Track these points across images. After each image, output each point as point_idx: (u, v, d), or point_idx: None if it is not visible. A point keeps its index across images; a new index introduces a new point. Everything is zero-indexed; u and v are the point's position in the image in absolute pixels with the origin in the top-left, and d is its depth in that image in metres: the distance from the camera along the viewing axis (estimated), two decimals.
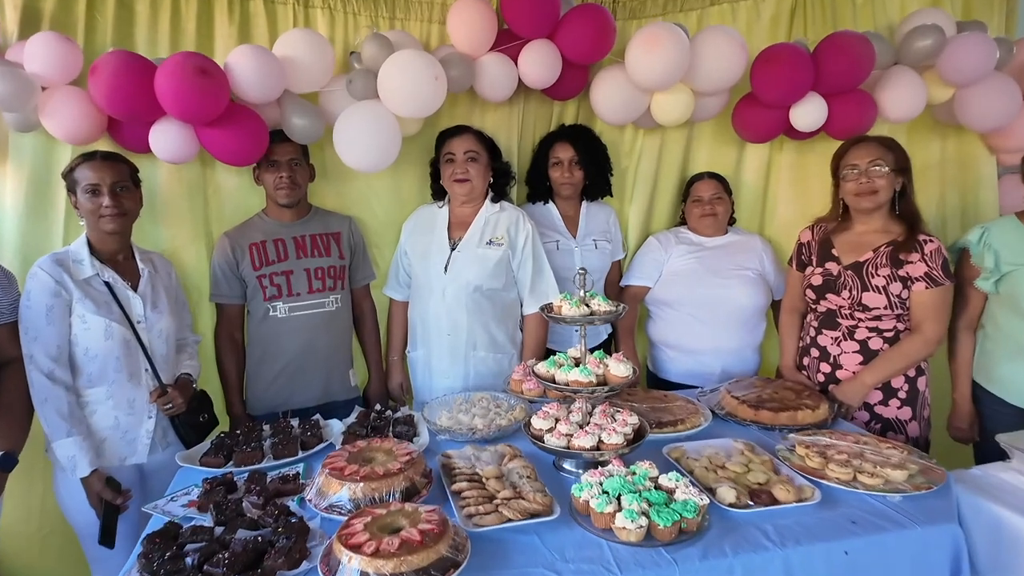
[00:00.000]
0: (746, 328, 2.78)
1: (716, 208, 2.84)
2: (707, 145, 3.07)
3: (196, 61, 2.10)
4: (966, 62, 2.63)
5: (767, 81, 2.62)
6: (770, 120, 2.73)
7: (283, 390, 2.52)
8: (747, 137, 2.89)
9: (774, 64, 2.60)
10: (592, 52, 2.57)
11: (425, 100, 2.35)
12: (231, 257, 2.47)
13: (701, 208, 2.86)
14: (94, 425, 2.08)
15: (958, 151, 3.03)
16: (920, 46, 2.66)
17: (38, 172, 2.40)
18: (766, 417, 2.22)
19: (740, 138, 2.92)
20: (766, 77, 2.62)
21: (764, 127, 2.79)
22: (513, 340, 2.65)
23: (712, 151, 3.07)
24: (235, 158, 2.37)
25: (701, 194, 2.87)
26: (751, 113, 2.79)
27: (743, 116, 2.83)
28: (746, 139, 2.91)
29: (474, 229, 2.58)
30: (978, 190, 3.02)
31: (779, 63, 2.59)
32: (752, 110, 2.78)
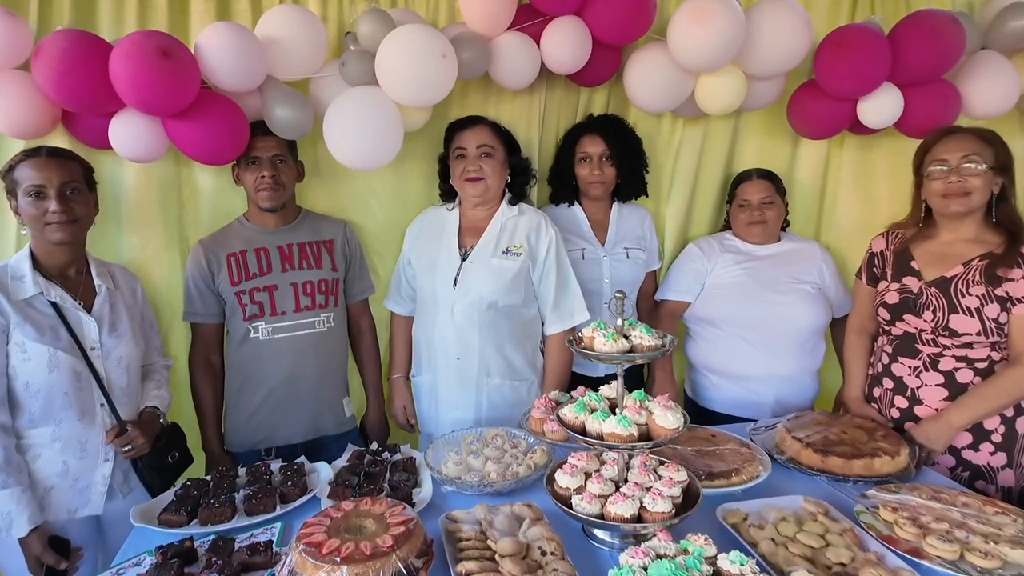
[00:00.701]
0: (804, 351, 2.41)
1: (766, 214, 2.47)
2: (756, 138, 2.70)
3: (157, 41, 1.77)
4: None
5: (835, 69, 2.26)
6: (834, 113, 2.37)
7: (266, 423, 2.18)
8: (804, 132, 2.52)
9: (845, 49, 2.23)
10: (628, 30, 2.20)
11: (431, 84, 2.00)
12: (206, 269, 2.14)
13: (748, 214, 2.49)
14: (38, 473, 1.75)
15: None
16: (1014, 27, 2.28)
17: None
18: (836, 465, 1.86)
19: (795, 132, 2.54)
20: (834, 64, 2.26)
21: (826, 121, 2.42)
22: (533, 365, 2.29)
23: (762, 145, 2.70)
24: (209, 155, 2.03)
25: (749, 197, 2.49)
26: (812, 104, 2.42)
27: (802, 107, 2.46)
28: (803, 134, 2.55)
29: (488, 236, 2.23)
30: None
31: (851, 48, 2.22)
32: (813, 101, 2.41)
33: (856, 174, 2.67)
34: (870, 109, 2.31)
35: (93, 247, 2.01)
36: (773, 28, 2.18)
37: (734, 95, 2.30)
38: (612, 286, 2.50)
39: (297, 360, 2.17)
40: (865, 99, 2.29)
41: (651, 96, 2.35)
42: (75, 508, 1.80)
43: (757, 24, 2.18)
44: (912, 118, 2.32)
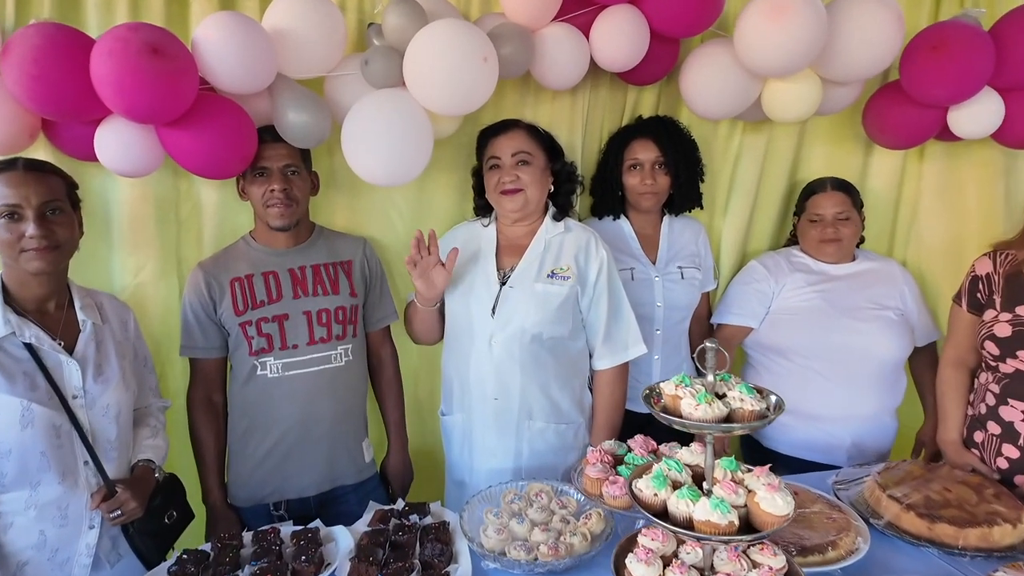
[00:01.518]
0: (885, 387, 2.14)
1: (841, 231, 2.19)
2: (825, 143, 2.41)
3: (144, 35, 1.48)
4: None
5: (928, 75, 1.98)
6: (920, 121, 2.10)
7: (275, 473, 1.91)
8: (883, 142, 2.26)
9: (941, 53, 1.94)
10: (693, 21, 1.91)
11: (469, 91, 1.72)
12: (207, 297, 1.87)
13: (821, 230, 2.20)
14: (9, 545, 1.48)
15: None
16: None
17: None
18: (947, 534, 1.58)
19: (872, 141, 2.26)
20: (927, 69, 1.98)
21: (910, 130, 2.16)
22: (580, 405, 2.01)
23: (831, 151, 2.41)
24: (210, 167, 1.75)
25: (822, 211, 2.21)
26: (894, 111, 2.14)
27: (882, 114, 2.18)
28: (881, 144, 2.28)
29: (531, 256, 1.95)
30: None
31: (948, 51, 1.94)
32: (896, 107, 2.13)
33: (939, 185, 2.38)
34: (965, 118, 2.04)
35: (80, 273, 1.75)
36: (861, 26, 1.89)
37: (808, 103, 2.02)
38: (665, 311, 2.23)
39: (311, 400, 1.90)
40: (959, 106, 2.01)
41: (710, 101, 2.07)
42: None
43: (842, 21, 1.88)
44: (1013, 127, 2.05)
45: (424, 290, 1.92)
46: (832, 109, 2.16)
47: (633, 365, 2.05)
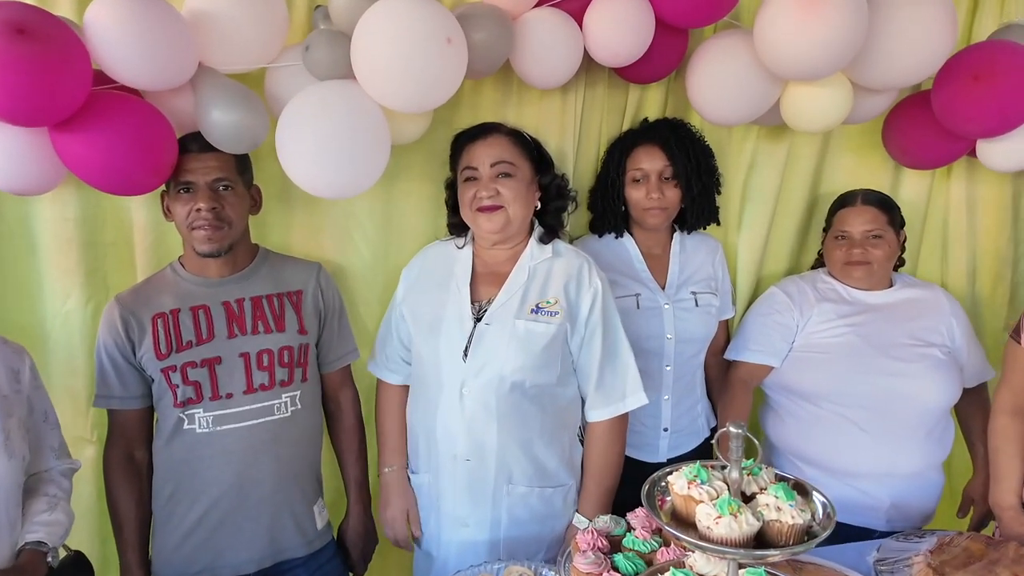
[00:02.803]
0: (931, 439, 1.82)
1: (871, 252, 1.87)
2: (852, 152, 2.12)
3: (8, 14, 1.17)
4: None
5: (966, 106, 1.71)
6: (947, 148, 1.85)
7: (207, 547, 1.59)
8: (904, 161, 1.98)
9: (984, 84, 1.66)
10: (706, 8, 1.59)
11: (430, 80, 1.40)
12: (123, 337, 1.55)
13: (847, 251, 1.89)
14: None
15: None
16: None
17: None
18: None
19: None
20: (966, 99, 1.71)
21: (934, 154, 1.91)
22: (570, 464, 1.69)
23: (859, 161, 2.12)
24: (115, 181, 1.43)
25: (849, 228, 1.90)
26: (918, 132, 1.88)
27: (905, 133, 1.92)
28: (902, 163, 2.01)
29: (512, 287, 1.63)
30: None
31: (992, 82, 1.66)
32: (921, 128, 1.86)
33: (965, 204, 2.12)
34: (997, 153, 1.80)
35: (11, 299, 1.61)
36: (907, 26, 1.58)
37: (836, 113, 1.72)
38: (676, 343, 1.91)
39: (248, 460, 1.58)
40: (986, 141, 1.75)
41: (721, 104, 1.77)
42: None
43: (885, 19, 1.56)
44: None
45: None
46: (862, 119, 1.86)
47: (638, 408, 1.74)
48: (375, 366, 1.86)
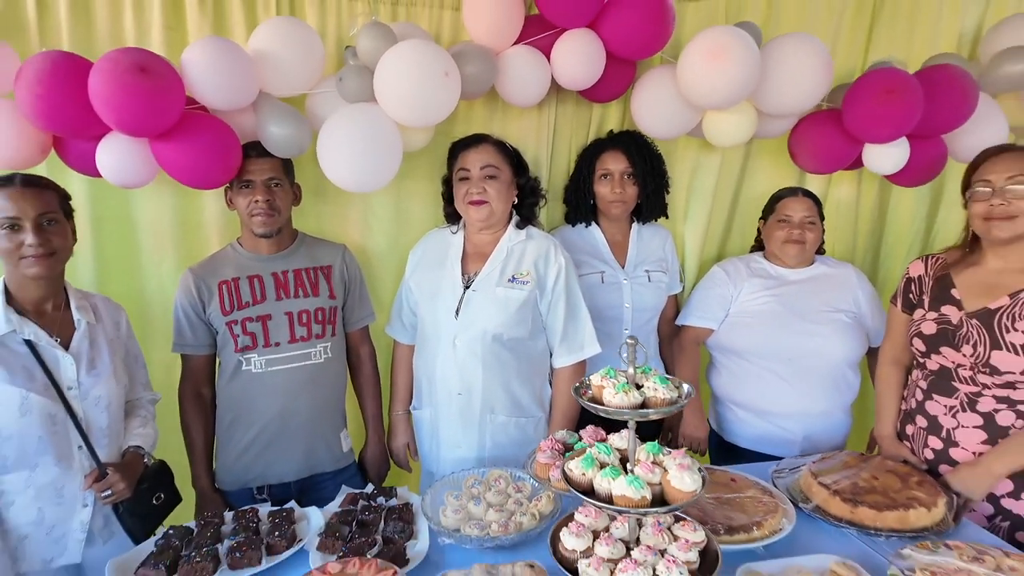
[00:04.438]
0: (838, 386, 2.26)
1: (806, 234, 2.29)
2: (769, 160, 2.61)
3: (135, 58, 1.66)
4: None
5: (878, 114, 2.14)
6: (843, 151, 2.27)
7: (258, 461, 2.06)
8: (806, 165, 2.42)
9: (895, 97, 2.11)
10: (644, 45, 2.08)
11: (432, 104, 1.88)
12: (196, 298, 2.03)
13: (788, 231, 2.30)
14: (10, 521, 1.64)
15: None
16: (1007, 73, 2.28)
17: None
18: (867, 517, 1.70)
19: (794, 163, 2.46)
20: (878, 109, 2.13)
21: (833, 157, 2.33)
22: (541, 400, 2.16)
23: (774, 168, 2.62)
24: (197, 178, 1.91)
25: (791, 213, 2.31)
26: (818, 140, 2.32)
27: (806, 141, 2.36)
28: (803, 167, 2.44)
29: (493, 262, 2.10)
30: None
31: (900, 95, 2.11)
32: (821, 137, 2.31)
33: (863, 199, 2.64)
34: (879, 156, 2.24)
35: (107, 274, 2.07)
36: (792, 68, 2.06)
37: (743, 132, 2.20)
38: (633, 311, 2.37)
39: (291, 394, 2.05)
40: (875, 145, 2.21)
41: (656, 124, 2.25)
42: (51, 558, 1.69)
43: (774, 63, 2.05)
44: (906, 170, 2.28)
45: None
46: (772, 135, 2.35)
47: (601, 362, 2.19)
48: (391, 329, 2.33)
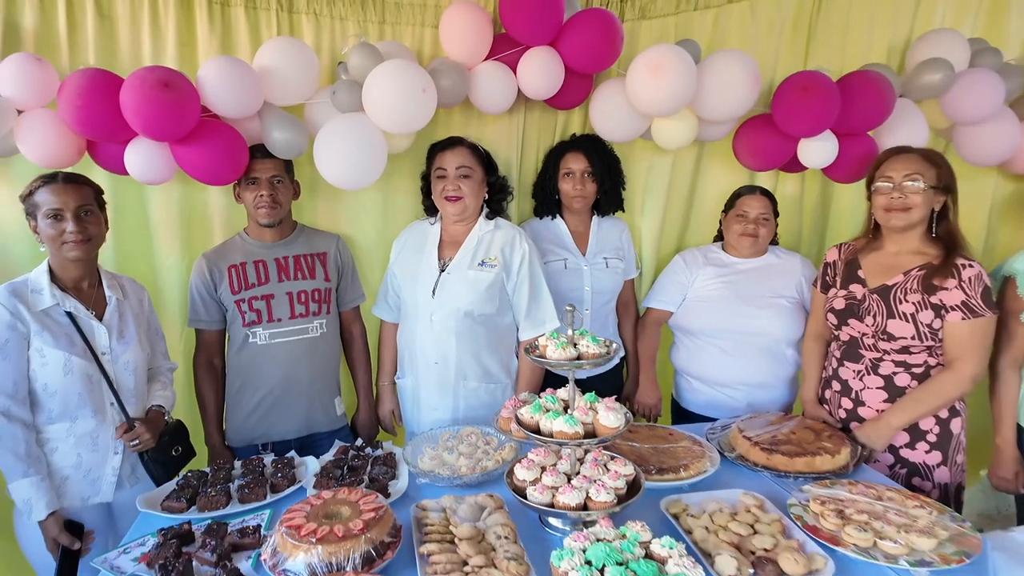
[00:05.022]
0: (777, 361, 2.56)
1: (760, 229, 2.57)
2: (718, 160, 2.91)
3: (159, 75, 1.97)
4: (969, 102, 2.57)
5: (796, 109, 2.44)
6: (778, 149, 2.58)
7: (263, 421, 2.38)
8: (747, 163, 2.72)
9: (809, 93, 2.42)
10: (597, 61, 2.39)
11: (412, 115, 2.19)
12: (208, 280, 2.34)
13: (744, 225, 2.58)
14: (55, 464, 1.96)
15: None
16: (927, 81, 2.58)
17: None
18: (780, 462, 2.02)
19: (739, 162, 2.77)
20: (796, 105, 2.44)
21: (769, 155, 2.64)
22: (508, 369, 2.47)
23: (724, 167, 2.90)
24: (211, 176, 2.22)
25: (748, 210, 2.58)
26: (757, 139, 2.63)
27: (747, 141, 2.67)
28: (747, 165, 2.74)
29: (465, 249, 2.41)
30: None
31: (813, 93, 2.42)
32: (759, 136, 2.62)
33: (806, 195, 2.96)
34: (810, 151, 2.53)
35: (131, 258, 2.40)
36: (724, 81, 2.38)
37: (686, 136, 2.52)
38: (592, 294, 2.67)
39: (292, 363, 2.36)
40: (808, 141, 2.50)
41: (611, 129, 2.56)
42: (88, 496, 2.00)
43: (709, 76, 2.37)
44: (840, 165, 2.58)
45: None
46: (713, 138, 2.66)
47: None
48: (378, 309, 2.64)
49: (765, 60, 2.69)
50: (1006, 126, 2.63)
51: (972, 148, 2.70)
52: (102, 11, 2.33)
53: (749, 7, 2.69)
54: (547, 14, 2.29)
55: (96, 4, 2.31)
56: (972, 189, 2.96)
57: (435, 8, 2.52)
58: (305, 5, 2.45)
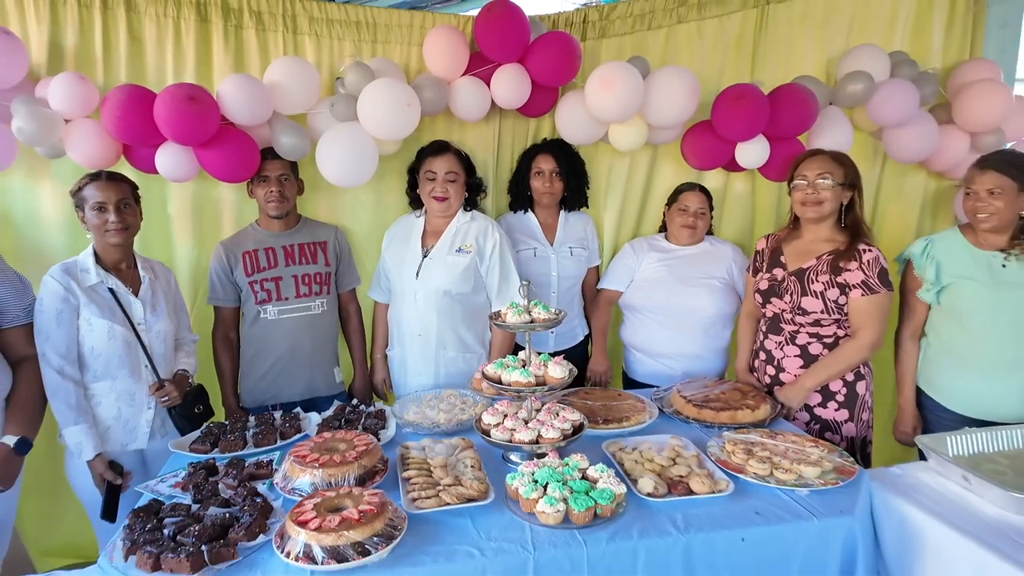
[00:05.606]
0: (709, 334, 2.94)
1: (698, 222, 2.96)
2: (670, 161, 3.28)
3: (186, 90, 2.36)
4: (890, 108, 2.93)
5: (732, 116, 2.82)
6: (717, 151, 2.95)
7: (272, 385, 2.76)
8: (693, 164, 3.09)
9: (742, 102, 2.80)
10: (559, 76, 2.77)
11: (398, 124, 2.58)
12: (226, 264, 2.72)
13: (684, 218, 2.96)
14: (99, 415, 2.34)
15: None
16: (852, 91, 2.97)
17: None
18: (708, 415, 2.39)
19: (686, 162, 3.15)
20: (732, 112, 2.82)
21: (711, 157, 3.01)
22: (482, 341, 2.86)
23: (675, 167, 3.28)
24: (228, 175, 2.61)
25: (689, 204, 2.96)
26: (700, 142, 3.00)
27: (692, 144, 3.04)
28: (693, 166, 3.10)
29: (445, 238, 2.79)
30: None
31: (745, 102, 2.80)
32: (702, 140, 2.99)
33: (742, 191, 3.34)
34: (746, 153, 2.90)
35: (154, 245, 2.76)
36: (668, 92, 2.77)
37: (637, 139, 2.92)
38: (558, 278, 3.06)
39: (297, 336, 2.75)
40: (743, 144, 2.88)
41: (574, 133, 2.95)
42: (126, 443, 2.39)
43: (655, 89, 2.76)
44: (772, 165, 2.98)
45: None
46: (663, 142, 3.05)
47: None
48: (373, 292, 3.03)
49: (710, 74, 3.09)
50: (925, 128, 3.01)
51: (898, 148, 3.08)
52: (133, 34, 2.72)
53: (696, 27, 3.09)
54: (515, 36, 2.68)
55: (128, 27, 2.70)
56: (907, 185, 3.37)
57: (420, 29, 2.91)
58: (307, 27, 2.85)
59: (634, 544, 1.70)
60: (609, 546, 1.69)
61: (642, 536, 1.72)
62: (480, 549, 1.67)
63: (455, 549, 1.67)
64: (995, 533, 1.71)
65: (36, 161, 2.69)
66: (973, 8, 3.18)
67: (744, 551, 1.75)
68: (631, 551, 1.70)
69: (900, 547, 1.90)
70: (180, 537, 1.65)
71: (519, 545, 1.68)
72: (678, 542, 1.72)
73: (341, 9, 2.86)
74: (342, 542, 1.57)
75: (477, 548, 1.67)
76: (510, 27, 2.67)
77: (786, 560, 1.79)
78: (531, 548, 1.67)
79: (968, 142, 3.03)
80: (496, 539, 1.71)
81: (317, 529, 1.59)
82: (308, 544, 1.57)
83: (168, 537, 1.66)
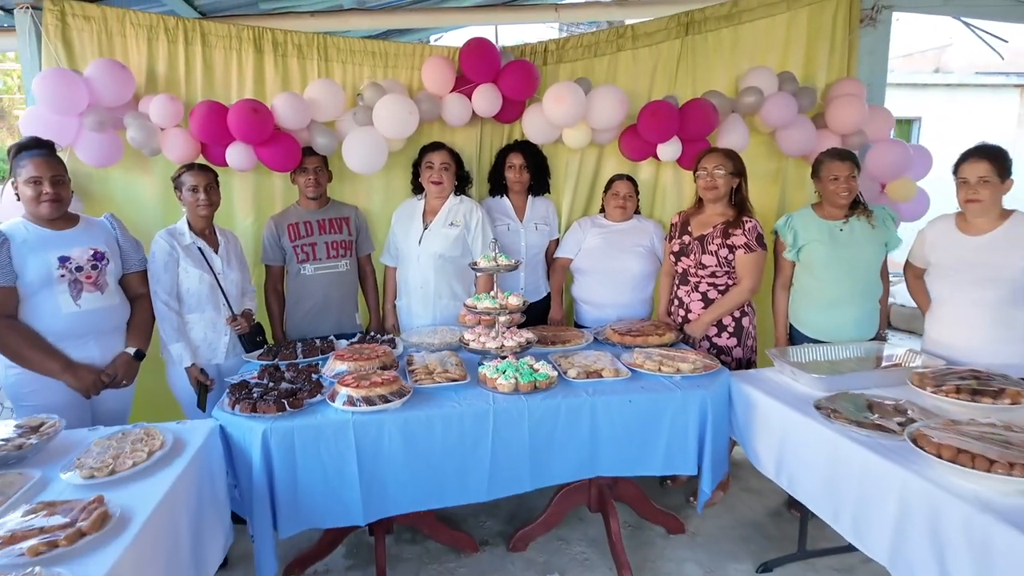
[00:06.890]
0: (636, 289, 3.83)
1: (627, 203, 3.84)
2: (613, 157, 4.20)
3: (251, 104, 3.30)
4: (775, 115, 3.86)
5: (650, 125, 3.76)
6: (644, 149, 3.89)
7: (309, 325, 3.67)
8: (628, 157, 4.01)
9: (657, 115, 3.73)
10: (524, 93, 3.71)
11: (403, 128, 3.51)
12: (275, 233, 3.64)
13: (617, 200, 3.84)
14: (191, 337, 3.24)
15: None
16: (747, 102, 3.90)
17: (168, 179, 3.53)
18: (627, 340, 3.32)
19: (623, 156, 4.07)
20: (650, 122, 3.76)
21: (639, 153, 3.94)
22: (469, 292, 3.76)
23: (617, 161, 4.20)
24: (278, 166, 3.54)
25: (619, 190, 3.83)
26: (631, 142, 3.94)
27: (626, 143, 3.98)
28: (627, 158, 4.03)
29: (440, 215, 3.71)
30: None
31: (659, 115, 3.73)
32: (632, 140, 3.92)
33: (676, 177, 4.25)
34: (663, 150, 3.85)
35: (221, 219, 3.57)
36: (603, 105, 3.69)
37: (583, 139, 3.85)
38: (527, 248, 3.97)
39: (327, 287, 3.66)
40: (661, 144, 3.82)
41: (536, 135, 3.86)
42: (210, 358, 3.30)
43: (594, 102, 3.69)
44: (685, 160, 3.92)
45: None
46: (606, 142, 3.98)
47: (512, 276, 3.82)
48: (384, 258, 3.94)
49: (643, 90, 4.02)
50: (805, 130, 3.92)
51: (787, 145, 3.99)
52: (206, 62, 3.66)
53: (632, 55, 4.02)
54: (490, 63, 3.62)
55: (203, 57, 3.64)
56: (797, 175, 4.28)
57: (420, 57, 3.84)
58: (336, 56, 3.78)
59: (558, 402, 2.64)
60: (542, 403, 2.63)
61: (564, 397, 2.66)
62: (459, 403, 2.61)
63: (444, 403, 2.61)
64: (800, 400, 2.64)
65: (129, 158, 3.61)
66: (848, 37, 4.10)
67: (631, 409, 2.69)
68: (556, 407, 2.64)
69: (744, 415, 2.86)
70: (264, 397, 2.58)
71: (484, 402, 2.62)
72: (587, 402, 2.66)
73: (361, 43, 3.81)
74: (372, 393, 2.50)
75: (457, 403, 2.61)
76: (486, 56, 3.61)
77: (659, 416, 2.73)
78: (491, 403, 2.61)
79: (839, 141, 3.94)
80: (470, 400, 2.64)
81: (356, 386, 2.52)
82: (350, 395, 2.50)
83: (256, 397, 2.60)
